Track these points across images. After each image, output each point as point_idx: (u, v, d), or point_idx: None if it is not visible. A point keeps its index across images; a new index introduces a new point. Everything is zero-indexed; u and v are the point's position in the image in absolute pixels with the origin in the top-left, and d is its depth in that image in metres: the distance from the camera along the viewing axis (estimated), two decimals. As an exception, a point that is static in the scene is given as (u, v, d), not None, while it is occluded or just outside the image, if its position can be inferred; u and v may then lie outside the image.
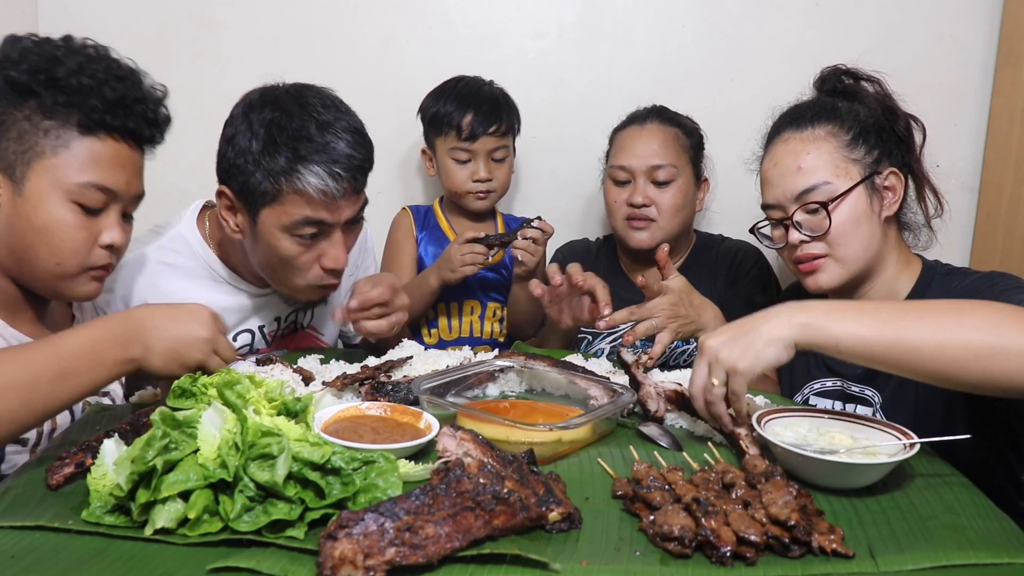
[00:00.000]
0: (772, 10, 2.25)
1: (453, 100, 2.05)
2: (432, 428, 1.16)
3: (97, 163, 1.30)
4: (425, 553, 0.84)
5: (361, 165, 1.52)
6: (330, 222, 1.52)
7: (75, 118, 1.27)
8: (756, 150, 1.66)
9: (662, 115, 1.99)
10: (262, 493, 0.92)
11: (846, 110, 1.54)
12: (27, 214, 1.28)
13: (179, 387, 1.10)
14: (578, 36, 2.31)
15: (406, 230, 2.16)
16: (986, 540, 0.95)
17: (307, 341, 1.85)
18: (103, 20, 2.28)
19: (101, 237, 1.33)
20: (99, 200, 1.31)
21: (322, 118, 1.49)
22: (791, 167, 1.52)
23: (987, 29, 2.18)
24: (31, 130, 1.27)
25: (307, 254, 1.54)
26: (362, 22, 2.32)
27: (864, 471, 1.08)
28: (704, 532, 0.90)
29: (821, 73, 1.63)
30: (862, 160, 1.50)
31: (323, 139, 1.47)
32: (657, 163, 1.92)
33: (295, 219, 1.49)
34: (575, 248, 2.16)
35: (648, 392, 1.33)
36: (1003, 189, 2.17)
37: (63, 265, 1.31)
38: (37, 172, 1.27)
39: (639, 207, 1.92)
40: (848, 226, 1.48)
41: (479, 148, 2.04)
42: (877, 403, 1.51)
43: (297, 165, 1.46)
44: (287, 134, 1.46)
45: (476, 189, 2.07)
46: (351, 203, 1.54)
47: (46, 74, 1.26)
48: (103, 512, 0.93)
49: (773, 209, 1.56)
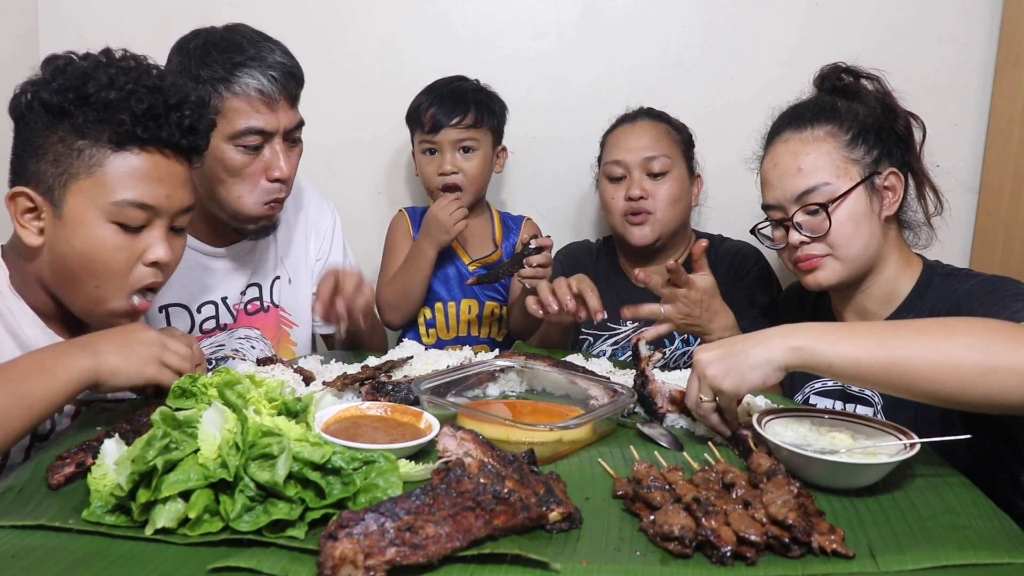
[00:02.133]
0: (772, 10, 2.25)
1: (424, 95, 2.08)
2: (432, 428, 1.16)
3: (133, 179, 1.25)
4: (425, 553, 0.84)
5: (293, 73, 1.62)
6: (270, 130, 1.59)
7: (106, 135, 1.23)
8: (756, 150, 1.66)
9: (651, 113, 2.01)
10: (262, 493, 0.92)
11: (845, 110, 1.53)
12: (67, 238, 1.25)
13: (179, 387, 1.10)
14: (578, 36, 2.31)
15: (403, 231, 2.16)
16: (986, 540, 0.95)
17: (278, 322, 1.86)
18: (103, 20, 2.28)
19: (145, 255, 1.29)
20: (139, 217, 1.26)
21: (253, 38, 1.62)
22: (791, 168, 1.52)
23: (987, 29, 2.18)
24: (65, 152, 1.24)
25: (253, 165, 1.61)
26: (362, 22, 2.32)
27: (864, 471, 1.08)
28: (704, 532, 0.90)
29: (821, 71, 1.63)
30: (862, 160, 1.50)
31: (256, 50, 1.59)
32: (651, 154, 1.93)
33: (238, 128, 1.57)
34: (575, 250, 2.15)
35: (657, 387, 1.33)
36: (1003, 189, 2.17)
37: (102, 288, 1.27)
38: (74, 194, 1.24)
39: (636, 200, 1.92)
40: (848, 227, 1.48)
41: (443, 139, 2.04)
42: (878, 403, 1.51)
43: (234, 71, 1.56)
44: (220, 49, 1.58)
45: (442, 184, 2.06)
46: (288, 111, 1.62)
47: (76, 92, 1.23)
48: (103, 512, 0.93)
49: (773, 210, 1.57)
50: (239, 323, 1.79)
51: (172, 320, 1.71)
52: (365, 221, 2.32)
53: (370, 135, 2.37)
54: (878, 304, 1.55)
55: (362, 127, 2.36)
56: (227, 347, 1.75)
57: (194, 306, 1.73)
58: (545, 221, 2.31)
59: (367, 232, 2.28)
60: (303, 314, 1.90)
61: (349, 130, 2.36)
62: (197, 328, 1.74)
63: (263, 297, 1.83)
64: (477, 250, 2.16)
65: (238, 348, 1.75)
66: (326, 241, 1.93)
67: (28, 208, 1.26)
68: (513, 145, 2.23)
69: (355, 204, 2.34)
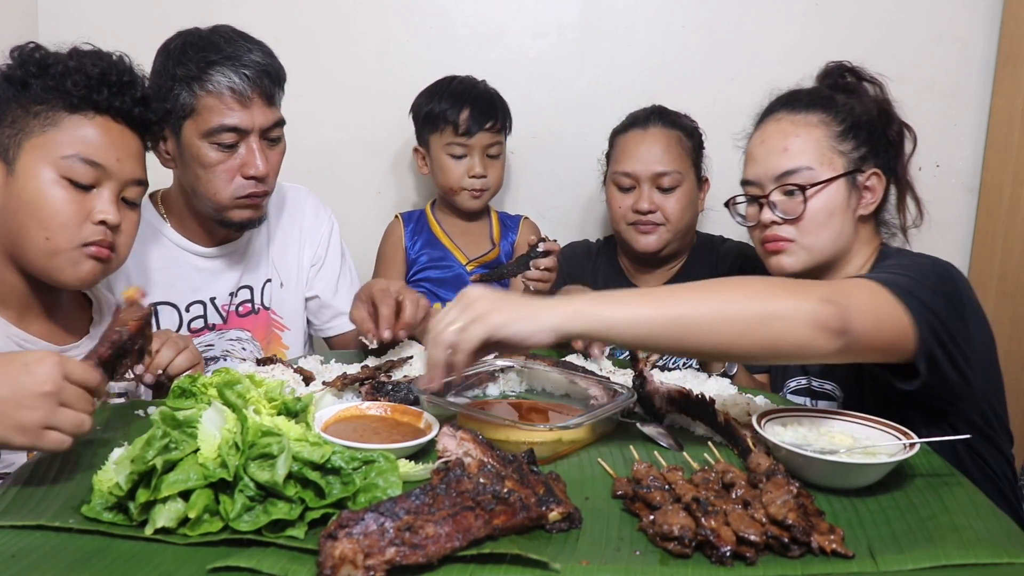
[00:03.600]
0: (772, 10, 2.25)
1: (449, 97, 2.07)
2: (432, 428, 1.16)
3: (85, 139, 1.32)
4: (425, 553, 0.84)
5: (268, 71, 1.62)
6: (244, 127, 1.60)
7: (62, 99, 1.31)
8: (747, 127, 1.66)
9: (664, 118, 1.98)
10: (262, 493, 0.92)
11: (842, 103, 1.54)
12: (18, 191, 1.30)
13: (179, 387, 1.10)
14: (578, 36, 2.31)
15: (395, 241, 2.19)
16: (986, 540, 0.95)
17: (269, 324, 1.86)
18: (103, 20, 2.28)
19: (93, 214, 1.32)
20: (88, 175, 1.31)
21: (231, 37, 1.64)
22: (777, 147, 1.52)
23: (987, 29, 2.18)
24: (23, 114, 1.31)
25: (228, 162, 1.62)
26: (362, 22, 2.32)
27: (864, 471, 1.08)
28: (704, 532, 0.90)
29: (826, 67, 1.63)
30: (848, 154, 1.51)
31: (233, 49, 1.61)
32: (662, 170, 1.92)
33: (212, 126, 1.59)
34: (575, 251, 2.14)
35: (655, 387, 1.33)
36: (1003, 189, 2.17)
37: (52, 240, 1.30)
38: (27, 151, 1.30)
39: (645, 213, 1.92)
40: (821, 215, 1.49)
41: (475, 143, 2.05)
42: (839, 396, 1.52)
43: (207, 69, 1.58)
44: (196, 48, 1.60)
45: (471, 186, 2.08)
46: (264, 109, 1.63)
47: (37, 65, 1.31)
48: (103, 508, 0.93)
49: (751, 186, 1.57)
50: (230, 324, 1.80)
51: (160, 318, 1.71)
52: (365, 221, 2.32)
53: (370, 135, 2.37)
54: None
55: (362, 127, 2.36)
56: (217, 348, 1.75)
57: (183, 305, 1.75)
58: (545, 221, 2.31)
59: (367, 232, 2.28)
60: (295, 318, 1.90)
61: (349, 130, 2.36)
62: (185, 327, 1.75)
63: (254, 299, 1.84)
64: (474, 250, 2.16)
65: (229, 349, 1.75)
66: (321, 247, 1.93)
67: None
68: (513, 145, 2.23)
69: (355, 204, 2.34)
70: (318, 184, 2.05)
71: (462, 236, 2.17)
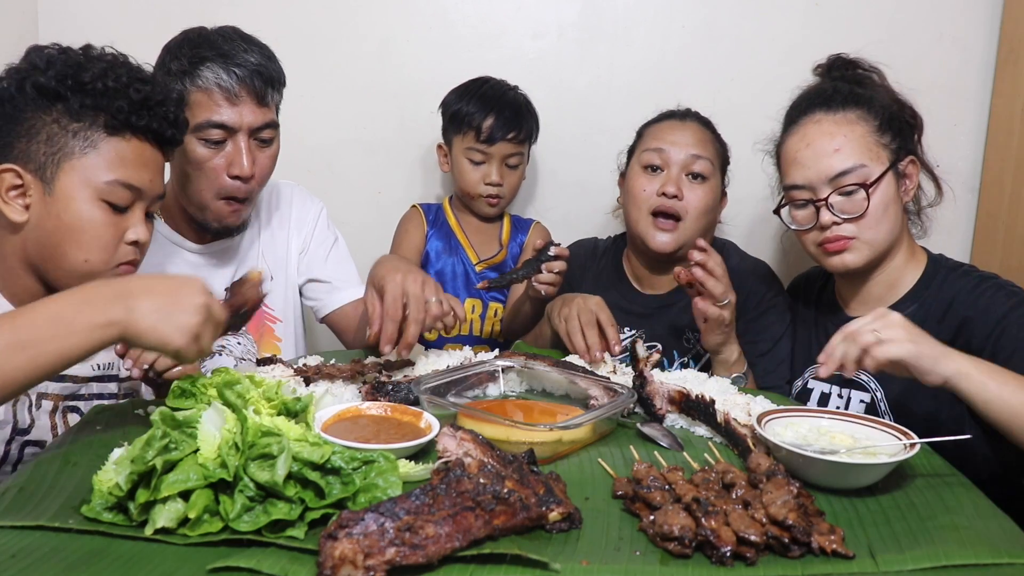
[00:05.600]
0: (772, 10, 2.25)
1: (476, 100, 2.06)
2: (432, 428, 1.16)
3: (124, 162, 1.33)
4: (425, 553, 0.84)
5: (261, 71, 1.62)
6: (232, 125, 1.61)
7: (102, 119, 1.31)
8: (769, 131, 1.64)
9: (700, 118, 1.91)
10: (262, 493, 0.92)
11: (869, 97, 1.55)
12: (57, 212, 1.30)
13: (178, 387, 1.10)
14: (578, 36, 2.31)
15: (417, 223, 2.18)
16: (986, 540, 0.95)
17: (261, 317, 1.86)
18: (103, 20, 2.28)
19: (127, 234, 1.36)
20: (126, 198, 1.34)
21: (231, 37, 1.64)
22: (827, 148, 1.51)
23: (987, 29, 2.18)
24: (60, 132, 1.30)
25: (215, 159, 1.63)
26: (362, 22, 2.32)
27: (864, 471, 1.08)
28: (704, 532, 0.90)
29: (828, 60, 1.63)
30: (888, 145, 1.52)
31: (229, 48, 1.61)
32: (697, 153, 1.82)
33: (199, 121, 1.59)
34: (581, 248, 2.07)
35: (656, 388, 1.33)
36: (1003, 189, 2.17)
37: (91, 262, 1.33)
38: (66, 172, 1.30)
39: (671, 197, 1.80)
40: (880, 209, 1.50)
41: (495, 152, 2.05)
42: (874, 388, 1.51)
43: (199, 65, 1.59)
44: (192, 44, 1.62)
45: (487, 192, 2.08)
46: (253, 109, 1.62)
47: (73, 79, 1.30)
48: (103, 508, 0.93)
49: (801, 190, 1.55)
50: None
51: None
52: (365, 221, 2.32)
53: (370, 135, 2.36)
54: (883, 290, 1.57)
55: (362, 127, 2.36)
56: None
57: None
58: (544, 221, 2.30)
59: (367, 232, 2.27)
60: (287, 310, 1.91)
61: (349, 130, 2.36)
62: None
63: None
64: (485, 250, 2.16)
65: (223, 344, 1.75)
66: (307, 232, 1.93)
67: (14, 185, 1.30)
68: (513, 145, 2.23)
69: (355, 204, 2.34)
70: (318, 184, 2.05)
71: (476, 235, 2.17)
